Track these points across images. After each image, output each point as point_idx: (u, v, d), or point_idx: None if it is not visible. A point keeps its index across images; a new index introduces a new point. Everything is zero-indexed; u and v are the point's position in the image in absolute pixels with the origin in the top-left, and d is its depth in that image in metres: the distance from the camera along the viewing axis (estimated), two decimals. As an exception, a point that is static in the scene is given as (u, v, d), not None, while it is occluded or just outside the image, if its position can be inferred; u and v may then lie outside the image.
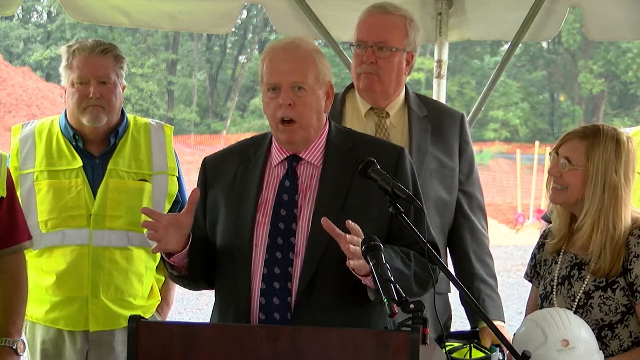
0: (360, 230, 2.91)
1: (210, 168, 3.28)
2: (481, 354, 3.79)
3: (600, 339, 3.31)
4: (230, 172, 3.21)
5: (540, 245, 3.59)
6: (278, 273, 3.06)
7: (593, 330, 3.28)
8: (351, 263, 2.87)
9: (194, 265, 3.11)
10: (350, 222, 2.90)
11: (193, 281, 3.19)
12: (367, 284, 2.96)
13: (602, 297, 3.35)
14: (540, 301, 3.50)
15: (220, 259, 3.16)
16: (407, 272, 3.02)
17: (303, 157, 3.16)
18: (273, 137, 3.21)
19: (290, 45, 3.14)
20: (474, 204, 3.98)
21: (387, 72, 3.80)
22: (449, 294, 4.00)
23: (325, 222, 2.92)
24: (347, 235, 2.89)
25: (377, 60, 3.79)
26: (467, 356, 3.77)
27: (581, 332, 3.22)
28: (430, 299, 3.09)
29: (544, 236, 3.59)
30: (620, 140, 3.39)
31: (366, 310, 3.06)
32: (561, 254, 3.48)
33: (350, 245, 2.87)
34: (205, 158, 3.33)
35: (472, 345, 3.80)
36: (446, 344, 3.36)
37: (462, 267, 3.93)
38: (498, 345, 3.84)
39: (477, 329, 3.89)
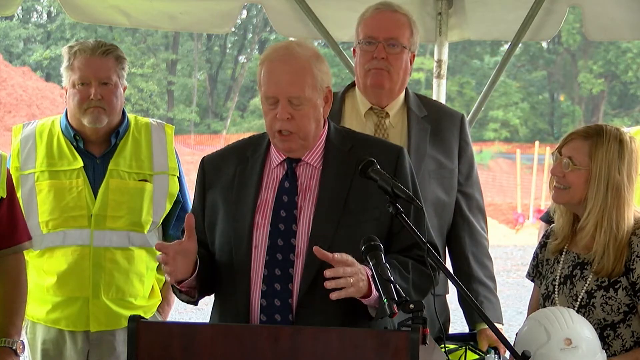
0: (348, 258, 2.90)
1: (209, 168, 3.27)
2: (476, 356, 3.78)
3: (602, 338, 3.31)
4: (229, 172, 3.20)
5: (542, 245, 3.59)
6: (279, 275, 3.05)
7: (595, 330, 3.28)
8: (334, 295, 2.86)
9: (202, 288, 3.12)
10: (335, 255, 2.88)
11: (200, 298, 3.19)
12: (367, 305, 2.95)
13: (605, 297, 3.35)
14: (542, 301, 3.50)
15: (219, 260, 3.15)
16: (404, 286, 3.00)
17: (302, 158, 3.15)
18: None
19: (287, 55, 3.09)
20: (473, 206, 3.96)
21: (396, 69, 3.80)
22: (447, 296, 4.00)
23: (317, 251, 2.90)
24: (336, 269, 2.86)
25: (387, 57, 3.78)
26: (463, 358, 3.77)
27: (584, 331, 3.22)
28: (428, 300, 3.08)
29: (546, 236, 3.59)
30: (624, 140, 3.39)
31: (367, 312, 3.04)
32: (563, 253, 3.48)
33: (338, 279, 2.85)
34: (203, 158, 3.32)
35: (467, 347, 3.79)
36: (442, 345, 3.35)
37: (461, 269, 3.91)
38: (494, 348, 3.83)
39: (475, 332, 3.88)
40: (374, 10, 3.85)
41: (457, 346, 3.79)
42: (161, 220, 4.03)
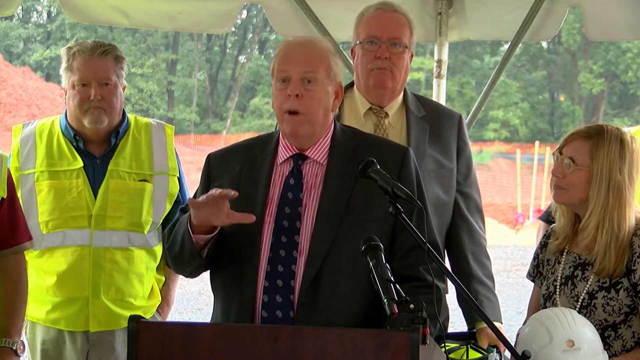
0: None
1: (215, 163, 3.27)
2: (478, 355, 3.78)
3: (603, 339, 3.30)
4: (235, 168, 3.21)
5: (543, 245, 3.59)
6: (281, 271, 3.06)
7: (596, 330, 3.28)
8: None
9: (212, 254, 3.10)
10: None
11: (199, 269, 3.18)
12: None
13: (606, 298, 3.34)
14: (543, 301, 3.50)
15: (224, 255, 3.15)
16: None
17: (308, 155, 3.16)
18: (280, 133, 3.20)
19: (307, 42, 3.18)
20: (472, 205, 3.97)
21: (399, 69, 3.81)
22: (447, 295, 4.00)
23: None
24: None
25: (390, 56, 3.78)
26: (464, 357, 3.77)
27: (586, 333, 3.21)
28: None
29: (547, 236, 3.59)
30: (625, 140, 3.38)
31: (369, 309, 3.05)
32: (564, 254, 3.48)
33: None
34: (209, 154, 3.33)
35: (469, 345, 3.80)
36: (443, 344, 3.34)
37: (460, 268, 3.92)
38: (495, 346, 3.83)
39: (475, 330, 3.88)
40: (375, 10, 3.84)
41: (458, 345, 3.80)
42: (161, 221, 4.03)
